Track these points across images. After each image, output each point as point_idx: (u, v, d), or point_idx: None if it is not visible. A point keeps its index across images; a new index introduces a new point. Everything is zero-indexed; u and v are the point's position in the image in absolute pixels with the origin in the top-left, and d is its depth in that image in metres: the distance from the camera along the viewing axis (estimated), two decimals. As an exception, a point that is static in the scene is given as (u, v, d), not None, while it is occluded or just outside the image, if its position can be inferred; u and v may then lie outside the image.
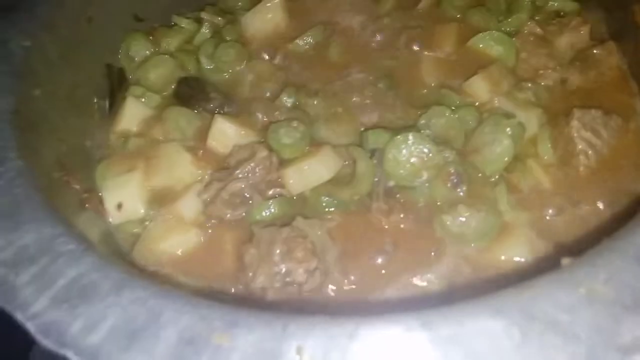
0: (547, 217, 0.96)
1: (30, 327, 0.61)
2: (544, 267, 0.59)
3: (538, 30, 1.22)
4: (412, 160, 0.99)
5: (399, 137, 0.98)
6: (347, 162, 1.04)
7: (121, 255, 0.94)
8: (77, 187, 0.95)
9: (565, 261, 0.60)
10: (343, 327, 0.56)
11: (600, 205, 0.97)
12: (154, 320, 0.60)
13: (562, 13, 1.27)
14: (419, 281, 0.91)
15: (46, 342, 0.59)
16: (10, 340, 1.01)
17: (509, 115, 1.04)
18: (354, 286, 0.91)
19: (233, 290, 0.92)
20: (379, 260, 0.93)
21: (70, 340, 0.59)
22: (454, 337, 0.54)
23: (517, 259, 0.91)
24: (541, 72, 1.16)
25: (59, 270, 0.66)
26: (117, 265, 0.67)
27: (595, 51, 1.19)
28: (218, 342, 0.57)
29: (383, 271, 0.93)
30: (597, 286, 0.56)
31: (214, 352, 0.56)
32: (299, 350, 0.55)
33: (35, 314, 0.62)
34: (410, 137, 0.98)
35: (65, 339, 0.59)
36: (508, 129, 1.01)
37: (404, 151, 0.98)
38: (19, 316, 0.62)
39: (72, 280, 0.65)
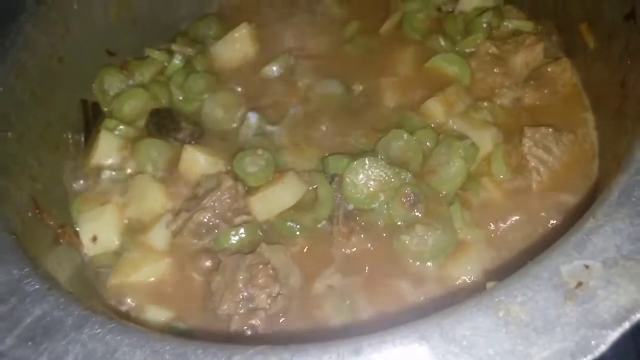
0: (499, 233, 1.01)
1: (-2, 365, 0.66)
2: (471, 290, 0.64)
3: (494, 50, 1.26)
4: (370, 183, 1.03)
5: (355, 162, 1.03)
6: (312, 188, 1.08)
7: (94, 289, 0.99)
8: (52, 223, 1.00)
9: (490, 285, 0.65)
10: (281, 356, 0.61)
11: (551, 221, 1.02)
12: (111, 356, 0.64)
13: (517, 32, 1.31)
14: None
15: (12, 380, 0.64)
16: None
17: (462, 137, 1.09)
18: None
19: (202, 318, 0.97)
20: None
21: (33, 377, 0.64)
22: (381, 362, 0.58)
23: (468, 276, 0.96)
24: (497, 91, 1.20)
25: (26, 310, 0.71)
26: (79, 303, 0.72)
27: (549, 69, 1.23)
28: (168, 375, 0.61)
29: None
30: (514, 308, 0.60)
31: (163, 384, 0.61)
32: (241, 380, 0.60)
33: (3, 353, 0.67)
34: (367, 162, 1.03)
35: (29, 375, 0.64)
36: (461, 151, 1.06)
37: (361, 176, 1.03)
38: (-12, 355, 0.67)
39: (37, 319, 0.70)
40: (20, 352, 0.66)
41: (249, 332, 0.91)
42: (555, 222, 1.02)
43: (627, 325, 0.56)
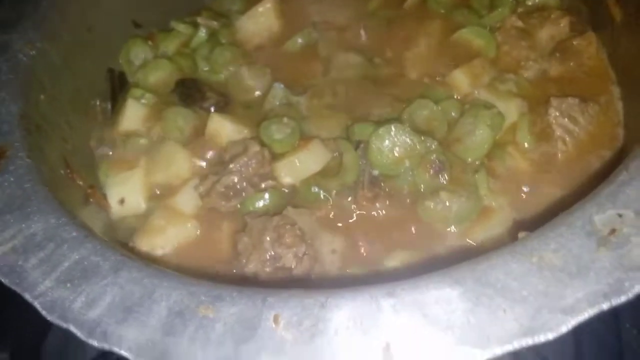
0: (523, 196, 1.01)
1: (37, 305, 0.68)
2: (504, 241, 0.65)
3: (519, 23, 1.26)
4: (395, 150, 1.04)
5: (381, 128, 1.04)
6: (335, 154, 1.09)
7: (123, 246, 1.00)
8: (81, 183, 1.02)
9: (521, 234, 0.65)
10: (315, 298, 0.62)
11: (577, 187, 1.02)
12: (148, 296, 0.66)
13: (543, 7, 1.31)
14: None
15: (51, 318, 0.66)
16: (23, 334, 1.09)
17: (488, 106, 1.09)
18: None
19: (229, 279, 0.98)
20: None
21: (72, 316, 0.66)
22: (414, 303, 0.59)
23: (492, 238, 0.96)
24: (522, 63, 1.20)
25: (63, 255, 0.73)
26: (115, 250, 0.73)
27: (574, 42, 1.23)
28: (204, 314, 0.63)
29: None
30: (547, 255, 0.61)
31: (199, 322, 0.62)
32: (276, 319, 0.61)
33: (41, 293, 0.69)
34: (393, 128, 1.04)
35: (67, 314, 0.66)
36: (487, 119, 1.06)
37: (387, 142, 1.04)
38: (27, 296, 0.69)
39: (74, 262, 0.72)
40: (58, 293, 0.68)
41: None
42: (580, 188, 1.02)
43: (661, 269, 0.57)
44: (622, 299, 0.55)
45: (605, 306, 0.55)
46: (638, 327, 0.98)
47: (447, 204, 1.00)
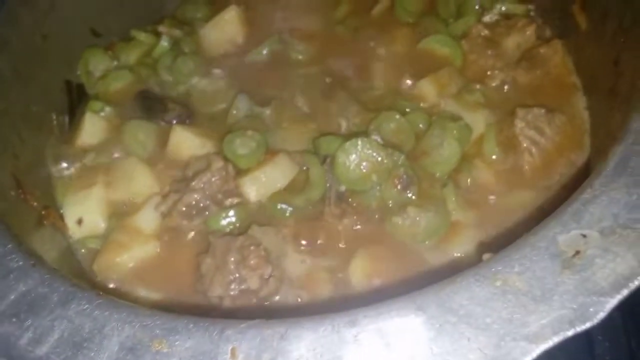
0: (490, 209, 1.00)
1: (-20, 342, 0.63)
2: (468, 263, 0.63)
3: (486, 32, 1.26)
4: (362, 164, 1.02)
5: (347, 143, 1.02)
6: (304, 168, 1.07)
7: (81, 271, 0.96)
8: (35, 204, 0.97)
9: (485, 256, 0.64)
10: (274, 329, 0.59)
11: (543, 201, 1.01)
12: (98, 331, 0.62)
13: (509, 15, 1.31)
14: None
15: (-5, 356, 0.62)
16: None
17: (455, 118, 1.08)
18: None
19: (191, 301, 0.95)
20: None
21: (17, 353, 0.62)
22: (377, 332, 0.57)
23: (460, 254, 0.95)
24: (489, 72, 1.20)
25: (9, 286, 0.69)
26: (65, 279, 0.69)
27: (541, 50, 1.22)
28: (157, 349, 0.60)
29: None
30: (511, 278, 0.59)
31: (153, 358, 0.59)
32: (233, 353, 0.58)
33: (-15, 330, 0.64)
34: (359, 142, 1.02)
35: (13, 351, 0.62)
36: (454, 132, 1.05)
37: (353, 156, 1.02)
38: (-29, 333, 0.65)
39: (21, 294, 0.67)
40: (3, 329, 0.64)
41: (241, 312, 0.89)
42: (548, 200, 1.02)
43: (625, 292, 0.56)
44: (587, 325, 0.54)
45: (570, 333, 0.54)
46: (610, 339, 0.98)
47: (416, 219, 0.98)
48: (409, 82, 1.17)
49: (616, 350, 0.98)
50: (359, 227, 1.01)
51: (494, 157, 1.07)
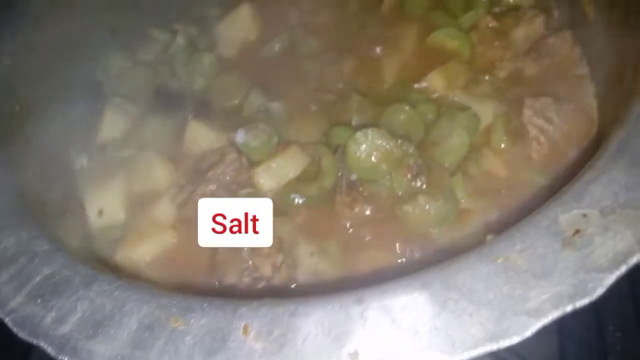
0: (499, 197, 1.01)
1: (8, 321, 0.67)
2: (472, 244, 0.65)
3: (494, 23, 1.26)
4: (373, 154, 1.04)
5: (358, 132, 1.04)
6: (317, 159, 1.10)
7: (101, 259, 1.00)
8: (59, 194, 1.01)
9: (489, 237, 0.66)
10: (285, 306, 0.62)
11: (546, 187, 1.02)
12: (119, 310, 0.66)
13: (517, 6, 1.31)
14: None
15: (22, 334, 0.66)
16: (10, 344, 1.08)
17: (463, 108, 1.09)
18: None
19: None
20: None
21: (42, 332, 0.65)
22: (383, 309, 0.60)
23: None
24: (497, 64, 1.21)
25: (35, 269, 0.73)
26: (87, 263, 0.73)
27: (550, 41, 1.23)
28: (174, 326, 0.63)
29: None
30: (513, 256, 0.61)
31: (169, 335, 0.62)
32: (245, 329, 0.61)
33: (13, 309, 0.68)
34: (369, 132, 1.04)
35: (38, 330, 0.66)
36: (463, 122, 1.06)
37: (364, 146, 1.04)
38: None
39: (45, 277, 0.71)
40: (29, 309, 0.68)
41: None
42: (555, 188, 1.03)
43: (623, 269, 0.57)
44: (586, 300, 0.56)
45: (569, 308, 0.56)
46: (621, 329, 0.98)
47: (426, 207, 1.00)
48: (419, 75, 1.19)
49: (628, 340, 0.98)
50: (368, 213, 1.03)
51: (502, 146, 1.08)
